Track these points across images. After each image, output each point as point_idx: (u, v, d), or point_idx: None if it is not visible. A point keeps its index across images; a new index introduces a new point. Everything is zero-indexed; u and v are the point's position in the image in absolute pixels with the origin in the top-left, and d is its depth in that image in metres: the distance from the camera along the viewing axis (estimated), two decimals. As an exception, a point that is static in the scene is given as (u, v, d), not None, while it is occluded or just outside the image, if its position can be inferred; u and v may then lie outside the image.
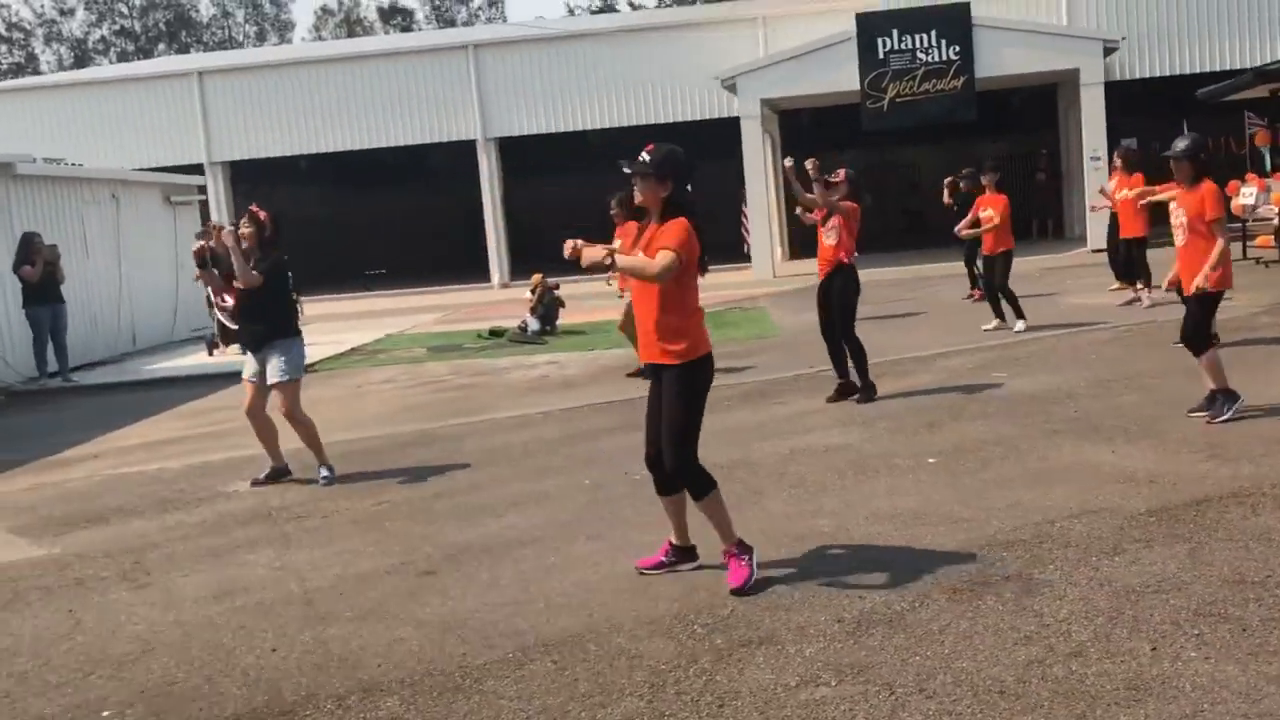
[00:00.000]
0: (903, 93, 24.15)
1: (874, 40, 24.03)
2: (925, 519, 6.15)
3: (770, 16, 28.75)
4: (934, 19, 24.02)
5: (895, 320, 15.21)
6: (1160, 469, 6.68)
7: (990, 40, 23.68)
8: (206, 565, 6.51)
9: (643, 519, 6.52)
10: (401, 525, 7.01)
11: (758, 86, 24.63)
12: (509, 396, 11.81)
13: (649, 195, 5.28)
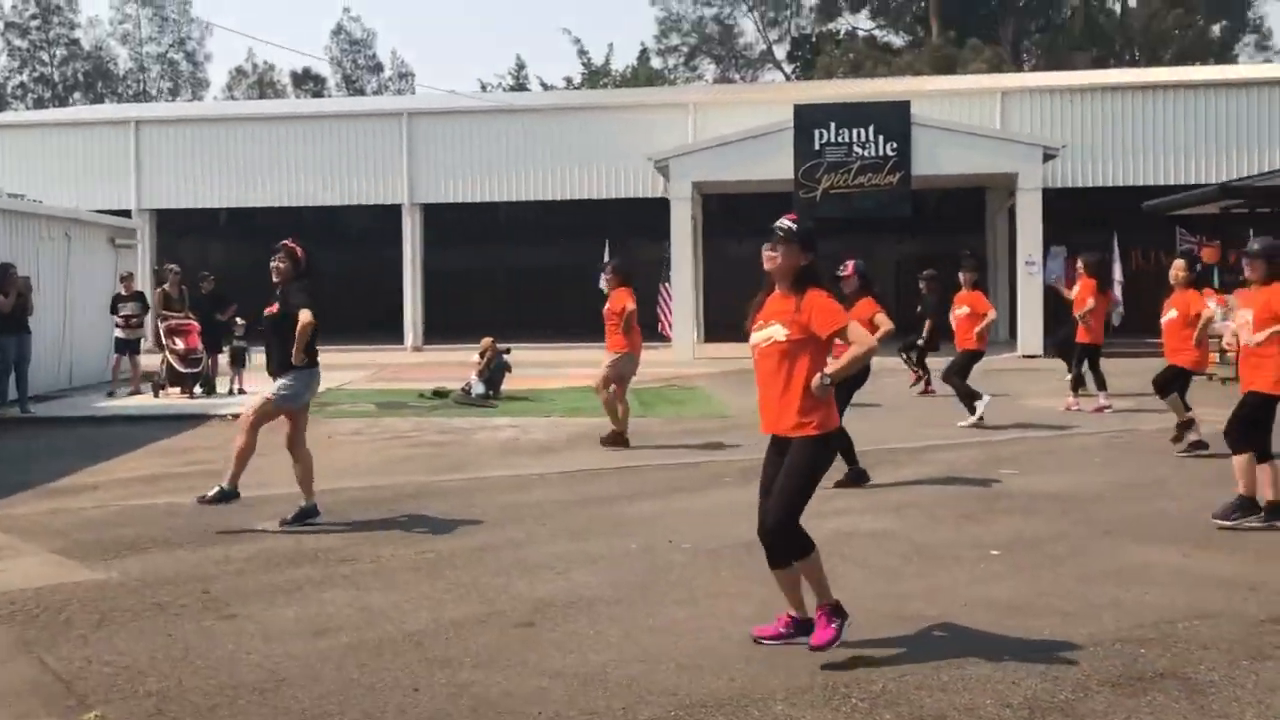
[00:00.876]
0: (837, 185, 24.62)
1: (811, 131, 24.52)
2: (1027, 610, 6.06)
3: (701, 103, 29.31)
4: (874, 114, 24.66)
5: (857, 409, 15.26)
6: (1254, 576, 6.69)
7: (929, 139, 24.35)
8: (283, 601, 6.32)
9: (721, 587, 6.50)
10: (464, 575, 6.81)
11: (690, 169, 24.95)
12: (490, 456, 11.64)
13: (788, 262, 5.26)
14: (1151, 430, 12.84)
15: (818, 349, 5.24)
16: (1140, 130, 27.31)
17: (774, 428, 5.34)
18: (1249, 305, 8.07)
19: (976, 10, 53.67)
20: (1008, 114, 27.80)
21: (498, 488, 9.80)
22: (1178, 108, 27.32)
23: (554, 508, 8.87)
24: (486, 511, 8.68)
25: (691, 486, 9.83)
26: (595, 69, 53.50)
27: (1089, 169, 27.27)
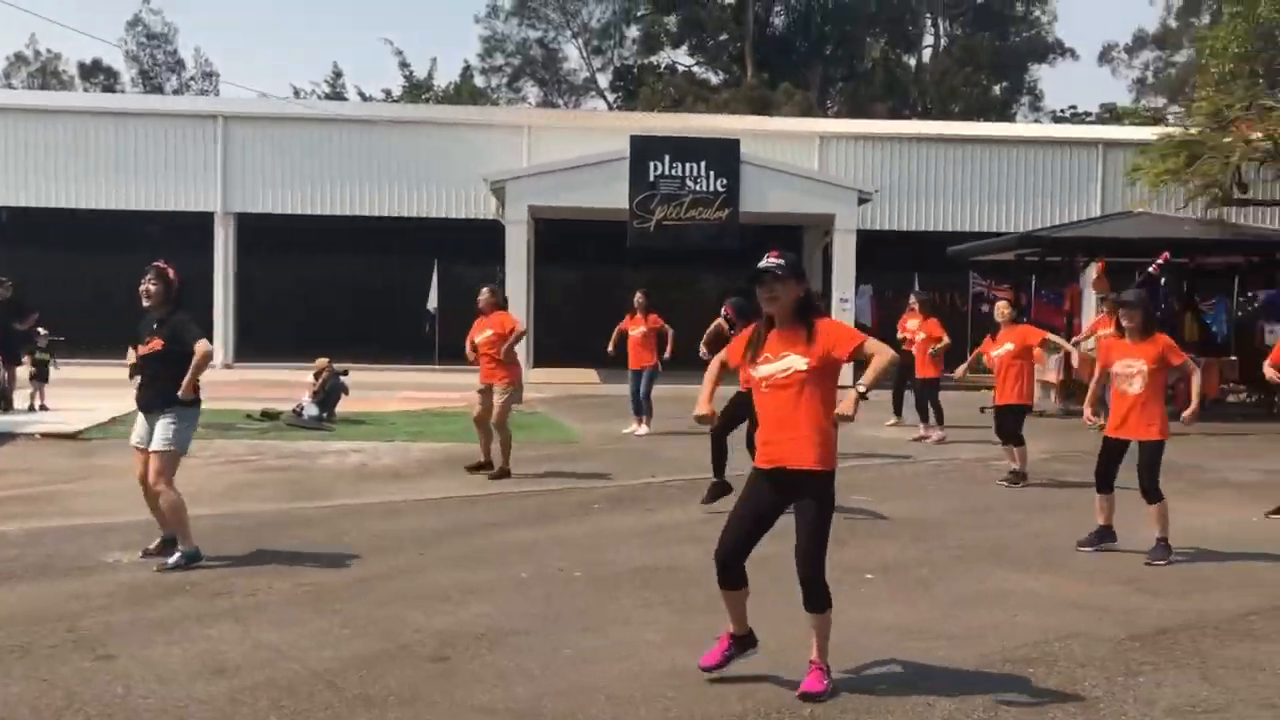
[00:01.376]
0: (670, 216, 25.04)
1: (646, 163, 24.89)
2: (917, 634, 6.35)
3: (536, 126, 29.36)
4: (705, 150, 25.22)
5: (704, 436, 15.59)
6: (1102, 600, 7.18)
7: (756, 178, 25.05)
8: (163, 638, 5.96)
9: (625, 615, 6.59)
10: (355, 608, 6.64)
11: (527, 192, 24.98)
12: (345, 483, 11.38)
13: (787, 297, 5.29)
14: (970, 459, 13.58)
15: (832, 379, 5.34)
16: (942, 179, 28.79)
17: (784, 460, 5.29)
18: (1135, 355, 8.37)
19: (788, 55, 55.44)
20: (825, 157, 28.88)
21: (363, 515, 9.61)
22: (979, 160, 28.94)
23: (430, 536, 8.79)
24: (358, 540, 8.52)
25: (564, 514, 9.87)
26: (417, 83, 52.87)
27: (894, 213, 28.55)
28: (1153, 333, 8.40)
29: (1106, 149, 28.93)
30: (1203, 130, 18.95)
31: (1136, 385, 8.28)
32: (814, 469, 5.25)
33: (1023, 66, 59.01)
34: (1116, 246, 18.99)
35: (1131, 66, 59.39)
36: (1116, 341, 8.54)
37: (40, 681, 5.25)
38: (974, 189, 28.80)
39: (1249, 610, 6.98)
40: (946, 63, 56.35)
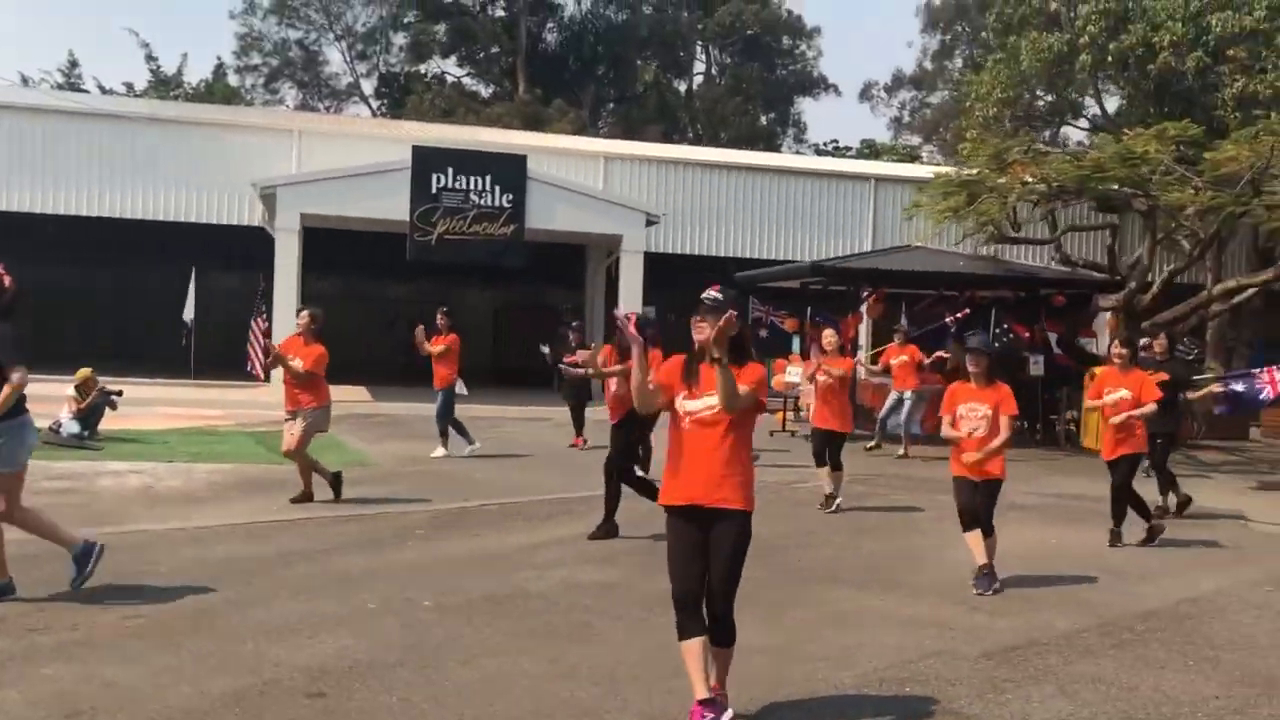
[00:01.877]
0: (452, 230, 24.74)
1: (429, 175, 24.53)
2: (792, 656, 6.51)
3: (307, 131, 28.54)
4: (491, 164, 25.06)
5: (516, 460, 15.52)
6: (946, 619, 7.51)
7: (543, 195, 25.06)
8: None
9: (492, 645, 6.49)
10: (202, 642, 6.31)
11: (300, 200, 24.19)
12: (135, 507, 10.77)
13: (714, 329, 5.16)
14: (775, 483, 13.94)
15: (753, 418, 5.33)
16: (723, 205, 29.56)
17: (703, 498, 5.22)
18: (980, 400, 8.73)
19: (560, 73, 55.84)
20: (609, 178, 29.19)
21: (170, 542, 9.10)
22: (759, 189, 29.85)
23: (252, 564, 8.38)
24: (176, 569, 8.06)
25: (388, 540, 9.60)
26: (165, 78, 50.42)
27: (675, 236, 29.11)
28: (995, 380, 8.81)
29: (878, 184, 30.32)
30: (981, 171, 20.11)
31: (983, 429, 8.64)
32: (733, 507, 5.23)
33: (789, 99, 61.27)
34: (898, 278, 19.92)
35: (890, 105, 62.46)
36: (962, 386, 8.87)
37: None
38: (754, 216, 29.64)
39: (1080, 628, 7.41)
40: (718, 91, 57.93)
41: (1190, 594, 8.57)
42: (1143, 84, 26.94)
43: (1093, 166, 17.69)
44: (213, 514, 10.43)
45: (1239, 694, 6.11)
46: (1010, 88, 28.85)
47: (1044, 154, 19.81)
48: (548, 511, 11.27)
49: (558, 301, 31.76)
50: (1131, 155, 17.26)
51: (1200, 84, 25.89)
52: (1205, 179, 17.56)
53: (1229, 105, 24.92)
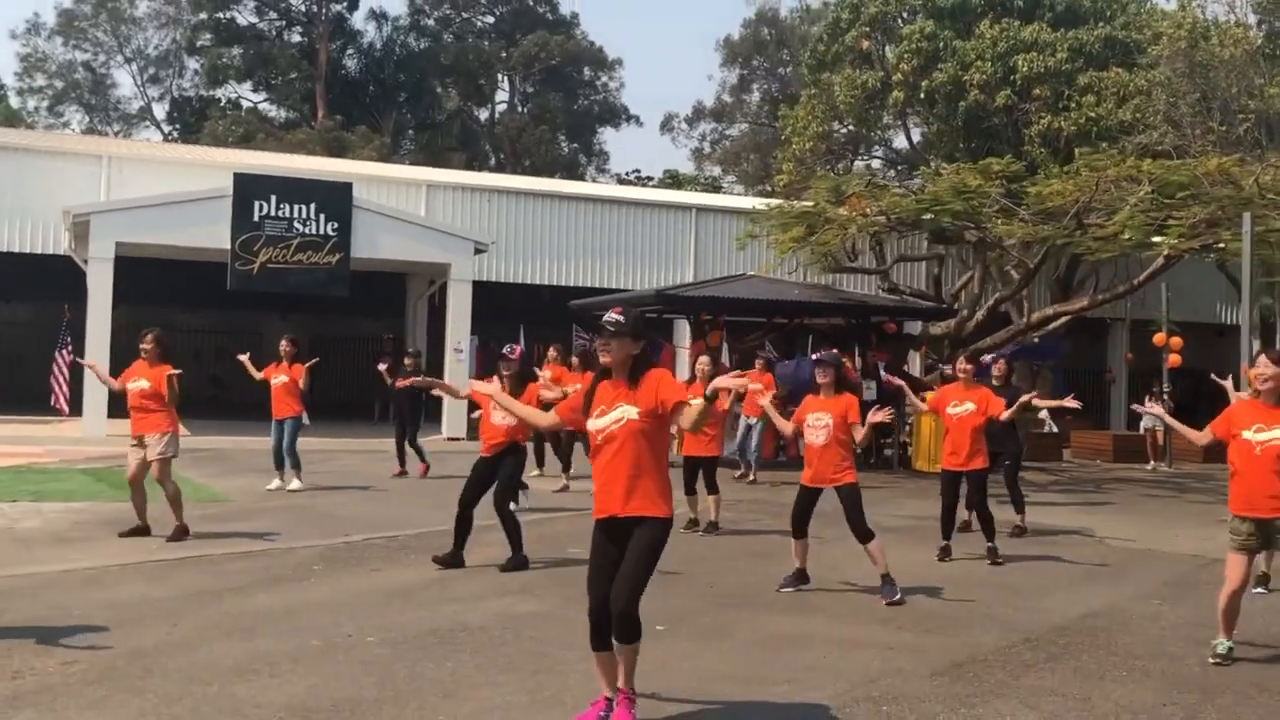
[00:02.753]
0: (275, 259, 24.15)
1: (251, 202, 23.91)
2: (738, 681, 6.65)
3: (118, 156, 27.45)
4: (315, 192, 24.59)
5: (365, 493, 15.23)
6: (880, 639, 7.79)
7: (369, 223, 24.71)
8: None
9: (461, 679, 6.46)
10: (163, 685, 6.09)
11: (116, 228, 23.19)
12: (6, 548, 10.16)
13: (622, 353, 5.48)
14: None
15: (663, 430, 5.51)
16: (546, 234, 29.68)
17: (620, 509, 5.47)
18: (824, 410, 9.12)
19: (360, 99, 55.14)
20: (431, 206, 28.98)
21: (67, 585, 8.68)
22: (582, 218, 30.09)
23: (166, 605, 8.06)
24: (88, 613, 7.69)
25: (289, 577, 9.34)
26: (-68, 98, 47.70)
27: (497, 265, 29.06)
28: (842, 391, 9.25)
29: (699, 214, 30.98)
30: (819, 204, 20.87)
31: (822, 437, 9.07)
32: (649, 515, 5.48)
33: (592, 129, 62.00)
34: (740, 307, 20.47)
35: (690, 136, 63.84)
36: (810, 398, 9.29)
37: None
38: (577, 246, 29.82)
39: (1008, 644, 7.80)
40: (522, 119, 58.16)
41: (1088, 609, 9.09)
42: (951, 120, 28.35)
43: (931, 200, 18.62)
44: (92, 555, 9.96)
45: (1182, 700, 6.55)
46: (825, 121, 29.96)
47: (882, 188, 20.73)
48: (433, 545, 11.10)
49: (376, 331, 31.37)
50: (966, 189, 18.25)
51: (1008, 121, 27.43)
52: (1031, 212, 18.68)
53: (1035, 141, 26.51)
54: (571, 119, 60.46)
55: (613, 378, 5.57)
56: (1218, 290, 31.58)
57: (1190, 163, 19.04)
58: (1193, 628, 8.40)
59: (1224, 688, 6.81)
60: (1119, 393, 33.41)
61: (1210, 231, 18.64)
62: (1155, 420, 25.05)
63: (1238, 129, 23.95)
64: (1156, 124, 24.52)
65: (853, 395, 9.37)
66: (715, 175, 60.68)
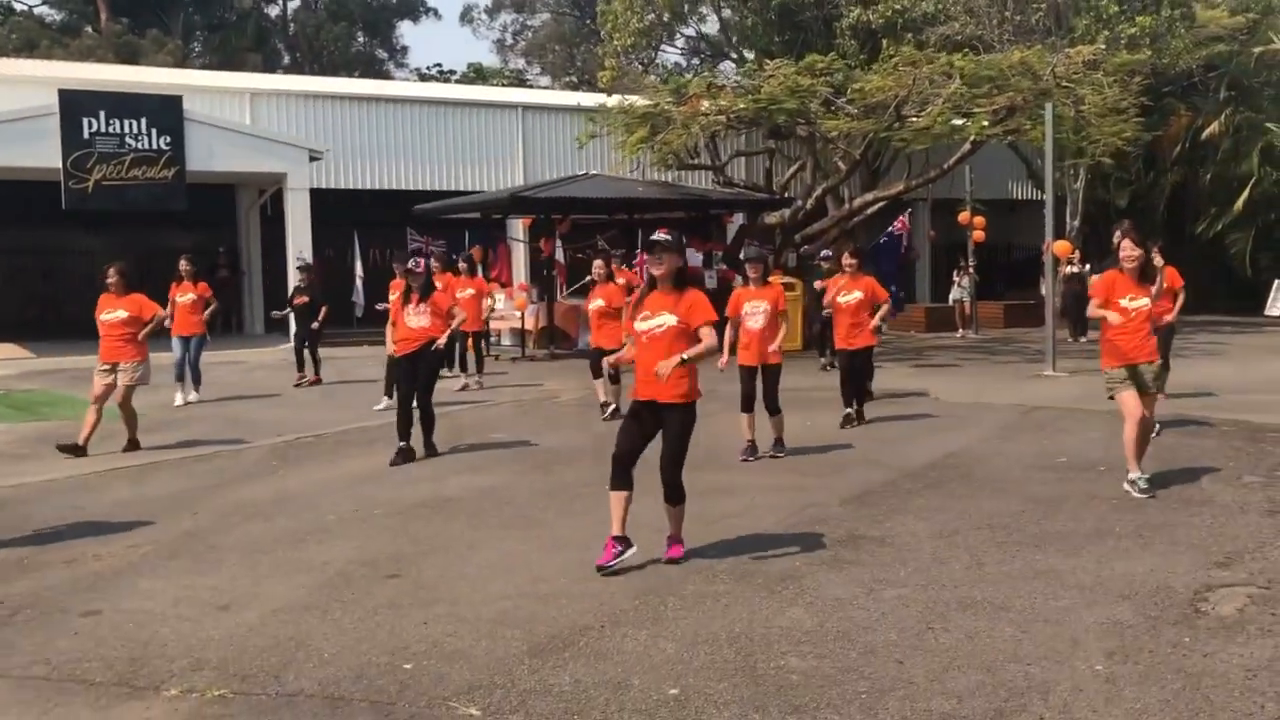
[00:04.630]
0: (109, 177, 24.38)
1: (79, 119, 24.01)
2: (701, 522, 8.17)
3: (-68, 74, 26.89)
4: (145, 106, 24.79)
5: (270, 399, 16.26)
6: (790, 483, 9.59)
7: (203, 136, 25.09)
8: (108, 599, 6.54)
9: (474, 537, 7.92)
10: (235, 556, 7.39)
11: (-62, 149, 23.12)
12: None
13: (671, 266, 6.95)
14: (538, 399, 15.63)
15: (692, 334, 7.00)
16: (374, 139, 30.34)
17: (655, 395, 6.92)
18: (759, 298, 10.78)
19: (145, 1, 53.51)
20: (256, 115, 29.28)
21: (57, 491, 9.72)
22: (408, 121, 30.81)
23: (170, 500, 9.25)
24: (104, 511, 8.82)
25: (261, 473, 10.56)
26: None
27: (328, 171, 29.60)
28: (768, 279, 10.97)
29: (525, 112, 32.05)
30: (659, 104, 22.36)
31: (760, 321, 10.79)
32: (679, 401, 6.99)
33: (389, 23, 61.61)
34: (589, 206, 21.93)
35: (491, 28, 64.09)
36: (743, 290, 10.97)
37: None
38: (406, 149, 30.58)
39: (889, 479, 9.64)
40: (319, 17, 57.44)
41: (946, 450, 11.06)
42: (765, 13, 30.06)
43: (768, 99, 20.31)
44: (51, 469, 10.84)
45: (1034, 509, 8.48)
46: (643, 17, 31.28)
47: (720, 88, 22.32)
48: (363, 440, 12.43)
49: (209, 244, 31.58)
50: (799, 89, 20.01)
51: (819, 14, 29.29)
52: (855, 107, 20.61)
53: (845, 34, 28.45)
54: (368, 14, 59.97)
55: (659, 288, 7.01)
56: (1008, 168, 34.46)
57: (996, 57, 21.20)
58: (1031, 458, 10.48)
59: (1064, 498, 8.81)
60: (924, 268, 36.24)
61: (1011, 118, 20.93)
62: (963, 292, 27.74)
63: (1031, 18, 26.31)
64: (957, 15, 26.69)
65: (780, 286, 11.02)
66: (520, 68, 61.19)
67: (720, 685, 5.01)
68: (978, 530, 7.80)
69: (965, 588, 6.44)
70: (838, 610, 6.05)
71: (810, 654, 5.39)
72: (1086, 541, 7.44)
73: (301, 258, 26.22)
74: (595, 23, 44.82)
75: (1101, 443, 11.01)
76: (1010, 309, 30.57)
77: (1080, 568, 6.80)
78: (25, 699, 4.96)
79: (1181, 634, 5.61)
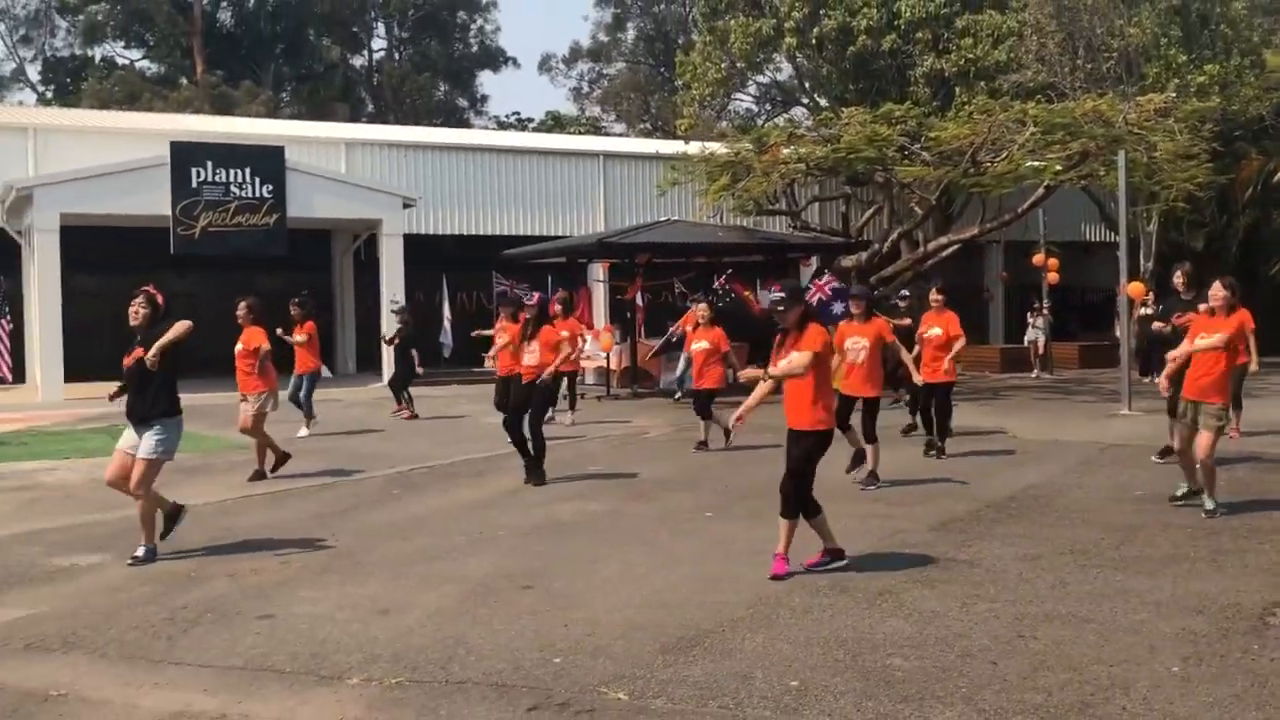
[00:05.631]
0: (215, 223, 25.60)
1: (188, 169, 25.28)
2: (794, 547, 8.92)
3: (43, 127, 28.35)
4: (249, 157, 26.05)
5: (374, 434, 17.13)
6: (877, 512, 10.16)
7: (303, 184, 26.28)
8: (311, 594, 7.20)
9: (590, 555, 8.60)
10: (371, 571, 8.11)
11: (59, 199, 24.44)
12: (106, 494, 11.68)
13: (793, 315, 7.77)
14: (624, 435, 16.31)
15: (825, 369, 7.76)
16: (463, 186, 31.44)
17: (793, 424, 7.78)
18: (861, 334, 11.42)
19: (237, 52, 55.51)
20: (351, 164, 30.49)
21: (203, 515, 10.44)
22: (495, 169, 31.88)
23: (307, 522, 10.05)
24: (250, 531, 9.64)
25: (379, 499, 11.33)
26: None
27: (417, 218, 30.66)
28: (872, 317, 11.62)
29: (606, 160, 33.01)
30: (740, 153, 23.18)
31: (861, 357, 11.43)
32: (808, 429, 7.77)
33: (471, 73, 63.23)
34: (672, 250, 22.74)
35: (569, 76, 65.50)
36: (846, 325, 11.63)
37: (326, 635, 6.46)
38: (491, 195, 31.64)
39: (973, 509, 10.20)
40: (403, 68, 59.12)
41: (1026, 483, 11.60)
42: (840, 63, 30.78)
43: (847, 148, 21.02)
44: (189, 494, 11.63)
45: (1113, 536, 9.01)
46: (720, 69, 32.16)
47: (800, 137, 23.08)
48: (473, 470, 13.20)
49: (303, 288, 32.78)
50: (877, 137, 20.69)
51: (893, 63, 29.97)
52: (931, 154, 21.24)
53: (919, 81, 29.10)
54: (451, 65, 61.59)
55: (790, 334, 7.82)
56: (1081, 211, 34.80)
57: (1069, 105, 21.74)
58: (1109, 491, 10.99)
59: (1141, 526, 9.33)
60: (997, 309, 36.58)
61: (1084, 163, 21.42)
62: (1038, 333, 28.12)
63: (1101, 66, 26.80)
64: (1029, 63, 27.24)
65: (882, 320, 11.73)
66: (595, 115, 62.46)
67: (834, 679, 5.63)
68: (1060, 555, 8.34)
69: (1050, 603, 7.00)
70: (933, 621, 6.64)
71: (912, 655, 6.00)
72: (1163, 565, 7.97)
73: (396, 300, 27.37)
74: (669, 71, 45.83)
75: (1177, 476, 11.48)
76: (1085, 350, 30.86)
77: (1157, 587, 7.34)
78: (230, 684, 5.71)
79: (1250, 642, 6.15)
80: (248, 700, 5.47)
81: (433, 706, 5.33)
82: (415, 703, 5.39)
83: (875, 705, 5.30)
